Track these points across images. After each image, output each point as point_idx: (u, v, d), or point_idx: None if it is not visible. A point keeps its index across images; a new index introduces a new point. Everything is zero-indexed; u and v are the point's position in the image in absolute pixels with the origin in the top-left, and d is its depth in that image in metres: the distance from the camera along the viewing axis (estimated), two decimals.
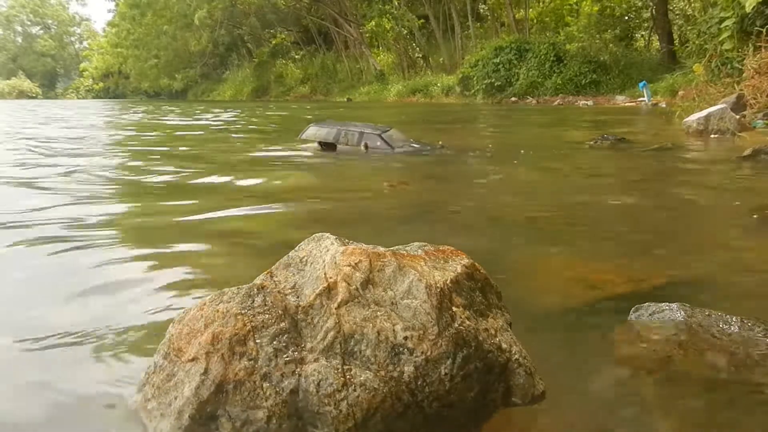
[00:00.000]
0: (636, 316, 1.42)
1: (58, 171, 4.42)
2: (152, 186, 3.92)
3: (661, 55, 19.97)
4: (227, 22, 40.01)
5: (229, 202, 3.17)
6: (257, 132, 9.44)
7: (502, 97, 20.69)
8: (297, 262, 1.10)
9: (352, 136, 5.58)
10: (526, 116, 12.96)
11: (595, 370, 1.26)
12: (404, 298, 0.99)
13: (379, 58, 32.80)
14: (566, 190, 3.70)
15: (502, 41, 22.73)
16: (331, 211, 3.07)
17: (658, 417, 1.09)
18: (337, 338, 0.96)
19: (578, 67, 19.60)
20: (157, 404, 1.00)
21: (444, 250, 1.14)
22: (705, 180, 4.00)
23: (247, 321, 0.98)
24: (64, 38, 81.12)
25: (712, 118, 6.47)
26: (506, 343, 1.06)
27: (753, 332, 1.30)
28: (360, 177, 4.40)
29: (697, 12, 16.10)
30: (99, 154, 5.80)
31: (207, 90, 48.29)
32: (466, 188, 3.87)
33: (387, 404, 0.93)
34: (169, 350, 1.04)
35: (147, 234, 2.54)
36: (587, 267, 1.95)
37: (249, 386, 0.94)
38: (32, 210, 2.92)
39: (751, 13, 8.43)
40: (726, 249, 2.26)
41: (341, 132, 5.64)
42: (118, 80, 62.15)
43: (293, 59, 40.10)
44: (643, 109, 13.91)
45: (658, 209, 3.12)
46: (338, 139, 5.59)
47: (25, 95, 66.11)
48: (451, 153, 5.51)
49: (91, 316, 1.55)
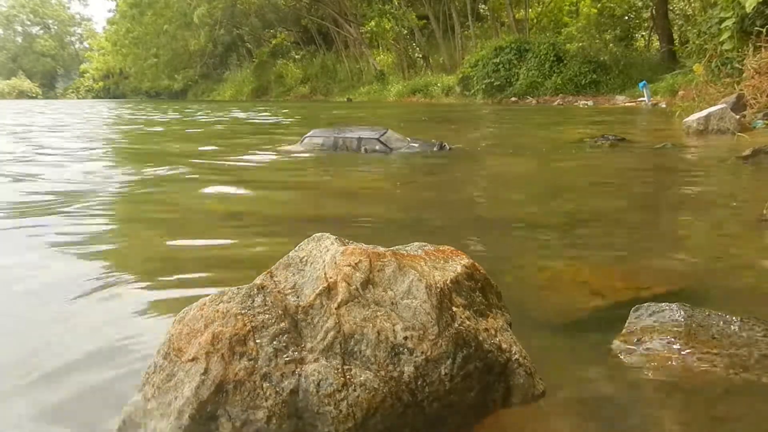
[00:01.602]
0: (636, 316, 1.42)
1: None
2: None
3: (661, 55, 19.95)
4: (227, 21, 39.99)
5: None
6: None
7: (502, 97, 20.69)
8: (297, 262, 1.10)
9: (351, 142, 5.64)
10: (526, 116, 12.96)
11: (595, 370, 1.26)
12: (404, 298, 0.99)
13: (379, 58, 32.78)
14: (566, 190, 3.70)
15: (502, 41, 22.72)
16: (331, 210, 3.07)
17: (658, 417, 1.08)
18: (337, 338, 0.96)
19: (578, 67, 19.59)
20: (157, 404, 1.00)
21: (444, 250, 1.14)
22: (705, 180, 3.99)
23: (247, 321, 0.98)
24: (64, 38, 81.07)
25: (712, 118, 6.47)
26: (506, 343, 1.06)
27: (753, 332, 1.30)
28: (360, 178, 4.40)
29: (697, 12, 16.09)
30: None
31: (207, 90, 48.22)
32: (465, 188, 3.87)
33: (387, 404, 0.93)
34: (169, 350, 1.04)
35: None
36: (587, 267, 1.95)
37: (249, 386, 0.94)
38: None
39: (751, 13, 8.43)
40: (726, 249, 2.26)
41: (338, 140, 5.71)
42: (118, 80, 62.13)
43: (293, 59, 40.07)
44: (643, 109, 13.91)
45: (658, 209, 3.12)
46: (336, 147, 5.66)
47: (25, 95, 66.07)
48: (450, 152, 5.51)
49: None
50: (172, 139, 8.32)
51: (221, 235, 2.51)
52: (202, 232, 2.58)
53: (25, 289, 1.81)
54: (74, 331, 1.49)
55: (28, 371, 1.27)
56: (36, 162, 5.21)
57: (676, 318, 1.36)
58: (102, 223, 2.79)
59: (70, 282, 1.81)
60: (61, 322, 1.54)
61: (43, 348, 1.39)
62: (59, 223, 2.68)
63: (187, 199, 3.45)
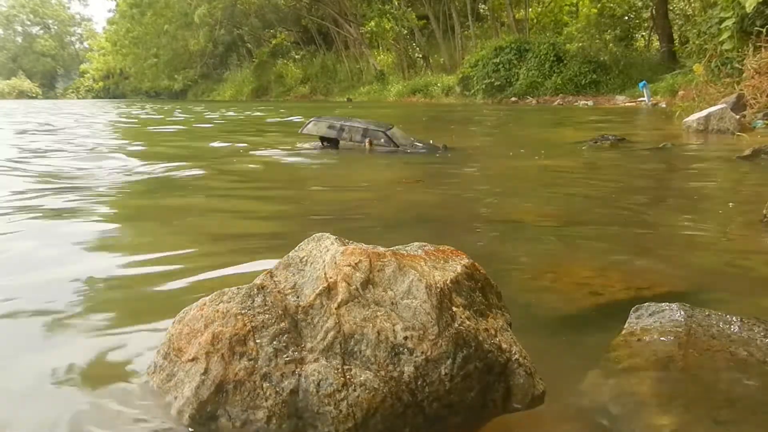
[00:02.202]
0: (636, 317, 1.42)
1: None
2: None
3: (661, 55, 19.97)
4: (227, 21, 40.01)
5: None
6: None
7: (502, 97, 20.70)
8: (297, 262, 1.10)
9: (356, 131, 5.44)
10: (526, 116, 12.96)
11: (595, 371, 1.26)
12: (404, 298, 0.99)
13: (379, 58, 32.80)
14: (566, 190, 3.70)
15: (502, 41, 22.75)
16: (336, 209, 3.07)
17: (658, 418, 1.08)
18: (337, 338, 0.96)
19: (578, 67, 19.61)
20: (157, 404, 1.00)
21: (444, 250, 1.14)
22: (705, 180, 4.00)
23: (247, 321, 0.98)
24: (64, 38, 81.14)
25: (712, 118, 6.48)
26: (506, 343, 1.06)
27: (753, 332, 1.30)
28: (367, 176, 4.40)
29: (697, 12, 16.09)
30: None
31: (207, 90, 48.25)
32: (466, 188, 3.87)
33: (387, 404, 0.93)
34: (169, 350, 1.04)
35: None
36: (587, 267, 1.95)
37: (249, 386, 0.94)
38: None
39: (751, 13, 8.43)
40: (726, 249, 2.26)
41: (345, 127, 5.45)
42: (119, 80, 62.14)
43: (293, 59, 40.09)
44: (643, 110, 13.91)
45: (658, 209, 3.12)
46: (341, 135, 5.46)
47: (25, 95, 66.09)
48: (453, 153, 5.51)
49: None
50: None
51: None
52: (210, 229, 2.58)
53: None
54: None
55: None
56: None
57: (676, 318, 1.36)
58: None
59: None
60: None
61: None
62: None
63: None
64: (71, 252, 2.18)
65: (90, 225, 2.64)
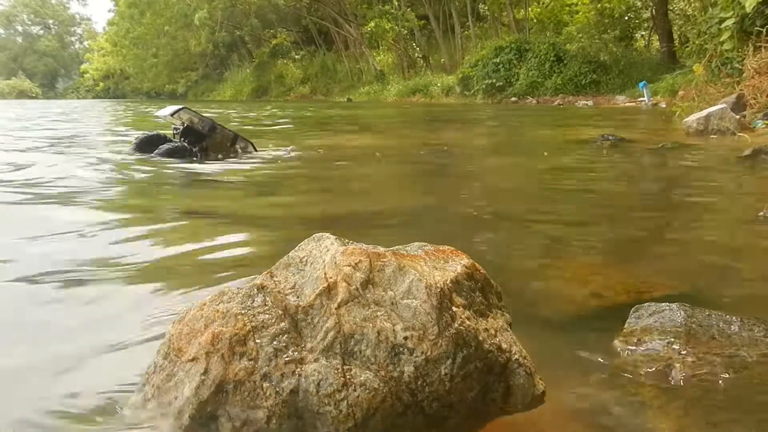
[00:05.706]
0: (636, 317, 1.42)
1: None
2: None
3: (661, 55, 19.98)
4: (227, 22, 40.03)
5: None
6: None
7: (502, 97, 20.70)
8: (297, 262, 1.10)
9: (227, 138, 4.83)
10: (526, 116, 12.96)
11: (595, 371, 1.26)
12: (404, 298, 0.99)
13: (379, 58, 32.80)
14: (565, 190, 3.70)
15: (502, 41, 22.77)
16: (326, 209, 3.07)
17: (658, 418, 1.08)
18: (337, 338, 0.96)
19: (578, 67, 19.61)
20: (157, 404, 1.00)
21: (444, 250, 1.14)
22: (705, 180, 3.99)
23: (247, 321, 0.98)
24: (64, 38, 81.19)
25: (712, 118, 6.47)
26: (506, 343, 1.06)
27: (753, 332, 1.30)
28: (359, 177, 4.39)
29: (697, 12, 16.09)
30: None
31: (207, 90, 48.28)
32: (465, 188, 3.87)
33: (387, 404, 0.93)
34: (169, 350, 1.04)
35: None
36: (587, 268, 1.95)
37: (249, 386, 0.94)
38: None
39: (751, 13, 8.43)
40: (726, 249, 2.26)
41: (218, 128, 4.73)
42: (119, 81, 62.16)
43: (293, 59, 40.12)
44: (643, 110, 13.91)
45: (659, 209, 3.12)
46: (212, 134, 4.68)
47: (26, 95, 66.11)
48: (454, 153, 5.52)
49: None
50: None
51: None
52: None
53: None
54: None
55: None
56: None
57: (676, 318, 1.36)
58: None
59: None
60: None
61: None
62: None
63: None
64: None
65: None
